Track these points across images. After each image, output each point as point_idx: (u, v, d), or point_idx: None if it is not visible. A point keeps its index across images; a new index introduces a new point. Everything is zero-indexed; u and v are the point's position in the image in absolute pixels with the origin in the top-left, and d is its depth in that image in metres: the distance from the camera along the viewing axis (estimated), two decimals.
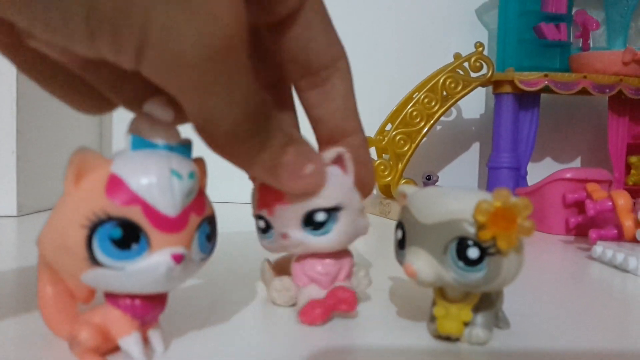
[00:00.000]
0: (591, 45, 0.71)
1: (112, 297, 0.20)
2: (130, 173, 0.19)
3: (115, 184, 0.19)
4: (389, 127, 0.66)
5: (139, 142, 0.20)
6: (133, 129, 0.20)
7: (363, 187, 0.25)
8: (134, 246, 0.19)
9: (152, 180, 0.19)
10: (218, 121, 0.19)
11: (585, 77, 0.62)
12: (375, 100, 0.71)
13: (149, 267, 0.19)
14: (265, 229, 0.26)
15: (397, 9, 0.73)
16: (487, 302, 0.24)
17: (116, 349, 0.20)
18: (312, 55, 0.23)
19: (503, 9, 0.68)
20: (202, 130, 0.19)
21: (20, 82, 0.53)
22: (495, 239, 0.20)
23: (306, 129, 0.26)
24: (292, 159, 0.22)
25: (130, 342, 0.20)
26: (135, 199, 0.19)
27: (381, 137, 0.64)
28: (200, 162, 0.22)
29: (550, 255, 0.46)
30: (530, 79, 0.62)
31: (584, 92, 0.63)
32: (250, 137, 0.20)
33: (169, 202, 0.19)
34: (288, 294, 0.27)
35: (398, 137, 0.62)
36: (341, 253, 0.26)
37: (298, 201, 0.24)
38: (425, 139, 0.64)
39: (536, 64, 0.66)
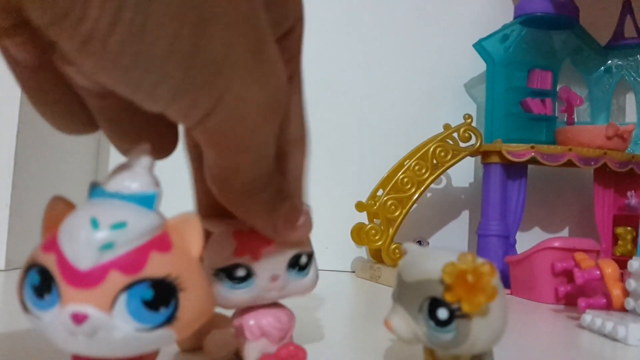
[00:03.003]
0: (575, 119, 0.74)
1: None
2: (64, 221, 0.18)
3: (54, 232, 0.18)
4: (380, 192, 0.67)
5: (95, 190, 0.19)
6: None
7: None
8: (47, 296, 0.18)
9: (67, 227, 0.18)
10: (244, 173, 0.21)
11: (570, 149, 0.64)
12: (367, 167, 0.73)
13: (53, 322, 0.17)
14: (245, 277, 0.25)
15: (391, 81, 0.76)
16: None
17: None
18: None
19: (490, 84, 0.71)
20: (223, 180, 0.22)
21: (20, 137, 0.54)
22: (460, 302, 0.21)
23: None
24: (289, 212, 0.24)
25: None
26: (53, 246, 0.18)
27: (373, 202, 0.64)
28: (189, 218, 0.20)
29: (540, 324, 0.46)
30: (517, 150, 0.64)
31: (569, 164, 0.65)
32: (263, 190, 0.23)
33: (76, 252, 0.17)
34: (227, 348, 0.27)
35: (389, 203, 0.63)
36: (287, 310, 0.28)
37: (285, 245, 0.26)
38: (415, 205, 0.65)
39: (523, 136, 0.68)
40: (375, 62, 0.76)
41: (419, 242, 0.64)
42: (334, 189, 0.74)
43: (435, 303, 0.22)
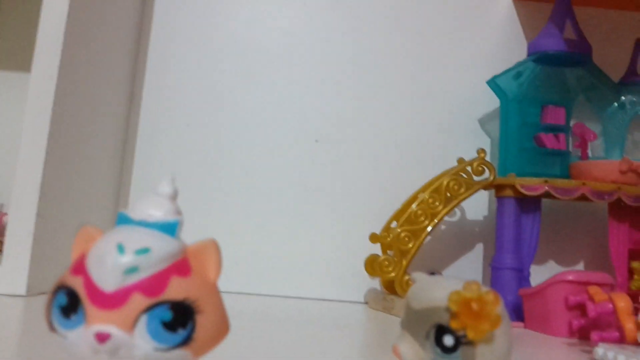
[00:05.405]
0: (590, 154, 0.74)
1: None
2: (93, 246, 0.20)
3: (82, 256, 0.20)
4: (394, 224, 0.67)
5: (122, 218, 0.21)
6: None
7: None
8: (73, 316, 0.19)
9: (95, 252, 0.19)
10: None
11: (584, 184, 0.64)
12: (381, 199, 0.74)
13: (78, 341, 0.19)
14: None
15: (406, 115, 0.78)
16: None
17: None
18: None
19: (504, 120, 0.72)
20: None
21: (47, 168, 0.56)
22: (465, 329, 0.22)
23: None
24: None
25: None
26: (81, 270, 0.19)
27: (386, 234, 0.65)
28: (208, 245, 0.21)
29: (553, 357, 0.46)
30: (531, 184, 0.65)
31: (583, 198, 0.65)
32: None
33: (102, 275, 0.18)
34: None
35: (403, 235, 0.64)
36: None
37: None
38: (429, 237, 0.66)
39: (537, 170, 0.68)
40: (391, 96, 0.78)
41: (433, 274, 0.65)
42: (349, 221, 0.75)
43: (441, 330, 0.22)
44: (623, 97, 0.76)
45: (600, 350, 0.42)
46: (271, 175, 0.76)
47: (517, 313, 0.62)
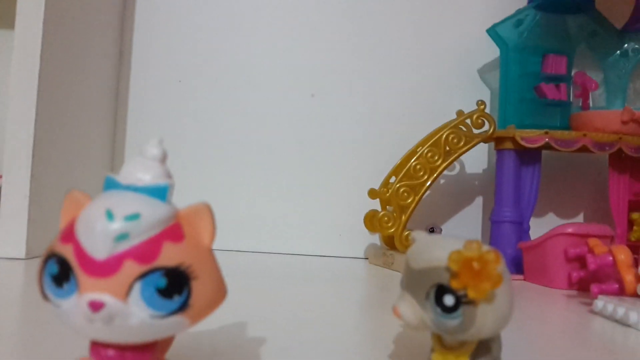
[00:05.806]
0: (591, 104, 0.73)
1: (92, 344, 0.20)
2: (81, 213, 0.19)
3: (71, 223, 0.19)
4: (393, 179, 0.67)
5: (109, 182, 0.20)
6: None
7: None
8: (66, 285, 0.18)
9: (84, 218, 0.19)
10: None
11: (585, 135, 0.64)
12: (380, 154, 0.73)
13: (72, 309, 0.18)
14: None
15: (403, 67, 0.76)
16: (484, 351, 0.24)
17: None
18: None
19: (504, 70, 0.70)
20: None
21: (38, 130, 0.55)
22: (466, 288, 0.21)
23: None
24: None
25: None
26: (70, 237, 0.19)
27: (385, 190, 0.65)
28: (201, 209, 0.20)
29: (552, 309, 0.46)
30: (531, 136, 0.64)
31: (584, 149, 0.64)
32: None
33: (92, 243, 0.18)
34: None
35: (402, 190, 0.63)
36: None
37: None
38: (428, 192, 0.65)
39: (537, 122, 0.67)
40: (387, 47, 0.76)
41: (432, 229, 0.64)
42: (347, 177, 0.74)
43: (441, 290, 0.22)
44: (626, 45, 0.74)
45: (599, 302, 0.42)
46: (267, 131, 0.75)
47: (517, 266, 0.62)
